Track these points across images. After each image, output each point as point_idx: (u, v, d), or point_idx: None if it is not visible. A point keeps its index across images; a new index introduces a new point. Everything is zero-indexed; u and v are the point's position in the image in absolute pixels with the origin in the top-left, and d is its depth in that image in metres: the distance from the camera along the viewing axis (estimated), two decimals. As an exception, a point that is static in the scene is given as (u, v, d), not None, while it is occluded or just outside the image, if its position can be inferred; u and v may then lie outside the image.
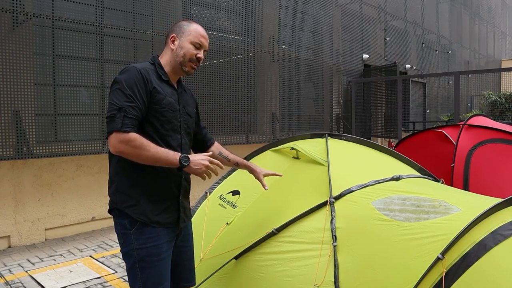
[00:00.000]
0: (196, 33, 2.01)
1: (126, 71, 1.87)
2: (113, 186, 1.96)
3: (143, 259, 1.89)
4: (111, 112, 1.80)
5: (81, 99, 4.99)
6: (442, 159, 4.61)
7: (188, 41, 1.99)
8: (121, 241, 1.95)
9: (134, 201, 1.90)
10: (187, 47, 1.99)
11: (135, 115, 1.81)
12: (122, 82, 1.83)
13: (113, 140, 1.78)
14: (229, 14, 6.79)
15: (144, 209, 1.90)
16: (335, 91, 9.06)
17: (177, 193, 2.02)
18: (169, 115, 1.95)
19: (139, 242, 1.89)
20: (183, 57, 1.99)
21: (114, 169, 1.96)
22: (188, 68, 2.01)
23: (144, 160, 1.82)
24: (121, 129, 1.76)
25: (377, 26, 10.51)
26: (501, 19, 19.67)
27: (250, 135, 7.09)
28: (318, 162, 2.64)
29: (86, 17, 4.95)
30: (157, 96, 1.90)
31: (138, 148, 1.78)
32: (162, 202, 1.96)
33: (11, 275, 3.92)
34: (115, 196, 1.94)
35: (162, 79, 1.98)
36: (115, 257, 4.39)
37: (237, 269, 2.45)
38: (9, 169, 4.70)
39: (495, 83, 14.82)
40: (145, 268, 1.90)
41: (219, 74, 6.49)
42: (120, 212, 1.92)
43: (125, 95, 1.81)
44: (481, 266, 1.67)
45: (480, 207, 1.88)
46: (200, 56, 2.02)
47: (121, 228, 1.93)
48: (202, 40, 2.02)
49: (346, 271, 2.03)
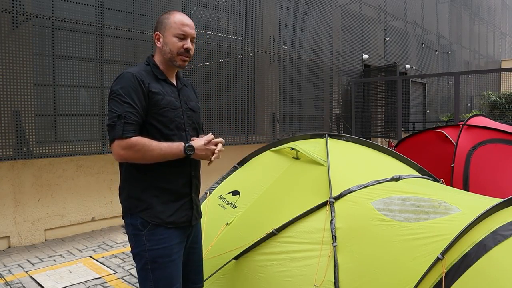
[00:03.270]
0: (176, 24, 1.94)
1: (121, 78, 1.86)
2: (124, 193, 1.96)
3: (155, 260, 1.89)
4: (111, 120, 1.80)
5: (81, 99, 4.99)
6: (442, 159, 4.61)
7: (171, 35, 1.94)
8: (132, 242, 1.94)
9: (146, 204, 1.90)
10: (171, 42, 1.94)
11: (135, 120, 1.81)
12: (119, 89, 1.83)
13: (116, 148, 1.79)
14: (229, 14, 6.79)
15: (157, 211, 1.90)
16: (335, 91, 9.06)
17: (189, 191, 2.02)
18: (170, 114, 1.93)
19: (151, 243, 1.89)
20: (170, 53, 1.95)
21: (123, 176, 1.96)
22: (179, 62, 1.96)
23: (150, 160, 1.82)
24: (122, 135, 1.77)
25: (377, 26, 10.51)
26: (501, 20, 19.67)
27: (250, 135, 7.08)
28: (318, 162, 2.63)
29: (86, 17, 4.95)
30: (155, 98, 1.89)
31: (141, 150, 1.78)
32: (174, 202, 1.96)
33: (11, 276, 3.91)
34: (127, 202, 1.94)
35: (158, 78, 1.96)
36: (115, 258, 4.39)
37: (237, 269, 2.45)
38: (9, 170, 4.69)
39: (495, 83, 14.83)
40: (156, 269, 1.89)
41: (219, 75, 6.49)
42: (132, 214, 1.92)
43: (123, 102, 1.81)
44: (481, 266, 1.67)
45: (480, 207, 1.88)
46: (187, 46, 1.94)
47: (133, 229, 1.92)
48: (185, 29, 1.94)
49: (346, 271, 2.03)
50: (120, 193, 1.98)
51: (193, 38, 1.99)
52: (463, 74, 8.97)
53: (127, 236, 1.98)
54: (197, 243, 2.18)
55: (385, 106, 9.64)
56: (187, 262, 2.10)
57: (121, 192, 1.98)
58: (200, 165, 2.11)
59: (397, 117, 8.65)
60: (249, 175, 3.07)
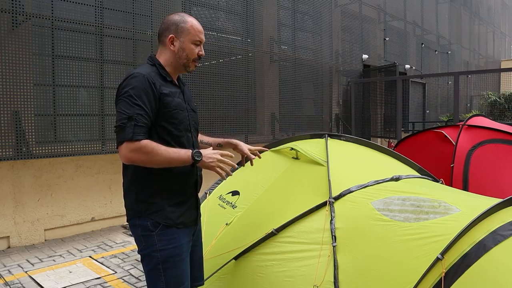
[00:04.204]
0: (194, 31, 1.97)
1: (133, 78, 1.84)
2: (131, 196, 1.93)
3: (167, 260, 1.89)
4: (121, 121, 1.77)
5: (81, 99, 4.99)
6: (442, 159, 4.61)
7: (189, 41, 1.96)
8: (141, 243, 1.92)
9: (157, 206, 1.89)
10: (189, 48, 1.96)
11: (145, 123, 1.80)
12: (130, 90, 1.80)
13: (124, 150, 1.77)
14: (229, 14, 6.79)
15: (168, 212, 1.90)
16: (334, 92, 9.06)
17: (194, 192, 2.04)
18: (180, 116, 1.94)
19: (162, 244, 1.88)
20: (186, 59, 1.97)
21: (130, 178, 1.93)
22: (192, 67, 2.02)
23: (158, 164, 1.81)
24: (132, 138, 1.75)
25: (377, 26, 10.51)
26: (500, 20, 19.68)
27: (250, 136, 7.08)
28: (318, 162, 2.64)
29: (85, 17, 4.95)
30: (166, 100, 1.88)
31: (150, 153, 1.76)
32: (183, 203, 1.97)
33: (10, 276, 3.91)
34: (137, 206, 1.91)
35: (166, 80, 1.95)
36: (115, 258, 4.39)
37: (237, 269, 2.45)
38: (9, 170, 4.69)
39: (495, 83, 14.83)
40: (168, 269, 1.89)
41: (219, 75, 6.49)
42: (140, 216, 1.90)
43: (134, 104, 1.79)
44: (481, 266, 1.67)
45: (480, 207, 1.88)
46: (202, 53, 2.00)
47: (143, 230, 1.90)
48: (201, 37, 1.98)
49: (345, 271, 2.03)
50: (126, 195, 1.95)
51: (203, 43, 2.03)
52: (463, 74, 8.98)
53: (134, 237, 1.96)
54: (198, 241, 2.19)
55: (384, 106, 9.64)
56: (190, 259, 2.10)
57: (127, 194, 1.95)
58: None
59: (396, 117, 8.65)
60: (249, 175, 3.07)
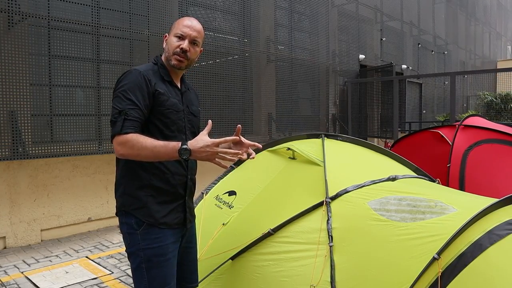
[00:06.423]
0: (178, 24, 1.97)
1: (128, 74, 1.86)
2: (120, 189, 1.95)
3: (150, 259, 1.89)
4: (113, 116, 1.80)
5: (77, 99, 4.97)
6: (438, 159, 4.62)
7: (172, 35, 1.97)
8: (127, 241, 1.94)
9: (142, 203, 1.89)
10: (170, 41, 1.97)
11: (136, 117, 1.80)
12: (124, 86, 1.83)
13: (115, 144, 1.79)
14: (226, 14, 6.78)
15: (151, 210, 1.89)
16: (331, 92, 9.07)
17: (183, 194, 2.01)
18: (173, 116, 1.94)
19: (146, 243, 1.89)
20: (168, 52, 1.97)
21: (120, 172, 1.95)
22: (173, 61, 1.94)
23: (146, 157, 1.79)
24: (121, 131, 1.76)
25: (373, 26, 10.53)
26: (496, 20, 19.76)
27: (247, 135, 7.07)
28: (314, 162, 2.64)
29: (82, 17, 4.93)
30: (161, 98, 1.89)
31: (135, 147, 1.75)
32: (169, 204, 1.95)
33: (6, 276, 3.90)
34: (122, 199, 1.93)
35: (164, 79, 1.96)
36: (111, 258, 4.38)
37: (234, 269, 2.45)
38: (5, 170, 4.67)
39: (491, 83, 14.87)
40: (151, 268, 1.89)
41: (216, 75, 6.49)
42: (127, 212, 1.91)
43: (126, 99, 1.80)
44: (477, 266, 1.68)
45: (476, 207, 1.89)
46: (183, 46, 1.92)
47: (128, 228, 1.91)
48: (184, 30, 1.93)
49: (342, 271, 2.03)
50: (116, 189, 1.97)
51: (195, 40, 1.97)
52: (459, 74, 9.00)
53: (122, 234, 1.97)
54: (192, 243, 2.17)
55: (381, 106, 9.66)
56: (182, 261, 2.10)
57: (117, 188, 1.97)
58: (196, 169, 2.12)
59: (393, 117, 8.67)
60: (246, 175, 3.07)
